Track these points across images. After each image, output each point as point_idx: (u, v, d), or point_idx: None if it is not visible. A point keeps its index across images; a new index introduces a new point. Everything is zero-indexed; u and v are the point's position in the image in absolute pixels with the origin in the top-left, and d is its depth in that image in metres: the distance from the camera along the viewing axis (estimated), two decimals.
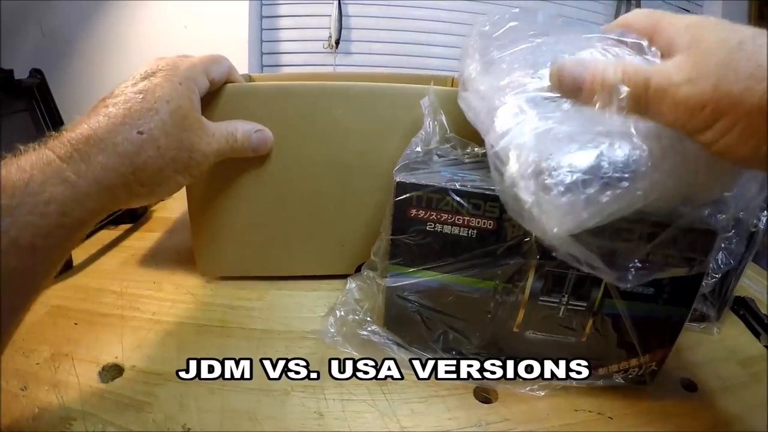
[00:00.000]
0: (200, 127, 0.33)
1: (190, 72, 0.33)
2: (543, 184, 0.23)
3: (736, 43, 0.20)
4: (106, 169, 0.28)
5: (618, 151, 0.23)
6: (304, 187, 0.42)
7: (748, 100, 0.19)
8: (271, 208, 0.42)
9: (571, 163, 0.23)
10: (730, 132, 0.20)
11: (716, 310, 0.42)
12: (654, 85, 0.22)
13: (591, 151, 0.23)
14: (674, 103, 0.21)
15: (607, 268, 0.26)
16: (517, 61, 0.30)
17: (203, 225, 0.43)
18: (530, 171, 0.24)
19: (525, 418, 0.32)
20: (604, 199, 0.23)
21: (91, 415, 0.30)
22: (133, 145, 0.28)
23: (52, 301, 0.41)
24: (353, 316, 0.37)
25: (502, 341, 0.34)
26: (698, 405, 0.34)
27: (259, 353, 0.36)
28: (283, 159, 0.40)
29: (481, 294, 0.33)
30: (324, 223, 0.44)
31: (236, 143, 0.36)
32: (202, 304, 0.42)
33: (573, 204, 0.23)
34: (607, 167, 0.23)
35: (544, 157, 0.23)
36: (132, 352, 0.36)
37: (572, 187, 0.23)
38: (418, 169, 0.33)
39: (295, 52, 1.24)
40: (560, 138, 0.24)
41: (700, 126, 0.21)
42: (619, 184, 0.23)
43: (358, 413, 0.31)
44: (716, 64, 0.20)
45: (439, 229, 0.31)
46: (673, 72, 0.22)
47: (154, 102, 0.29)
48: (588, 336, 0.33)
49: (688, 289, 0.30)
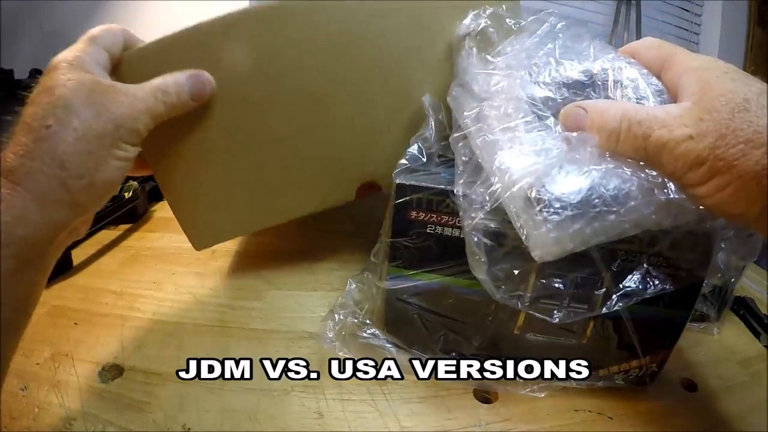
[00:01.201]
0: (114, 92, 0.30)
1: (75, 51, 0.30)
2: (534, 218, 0.24)
3: (741, 100, 0.21)
4: (31, 174, 0.26)
5: (609, 183, 0.23)
6: (268, 123, 0.38)
7: (743, 164, 0.20)
8: (240, 155, 0.39)
9: (562, 195, 0.23)
10: (723, 191, 0.21)
11: (716, 310, 0.42)
12: (655, 137, 0.22)
13: (582, 181, 0.23)
14: (673, 158, 0.22)
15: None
16: (514, 63, 0.30)
17: (178, 196, 0.40)
18: (522, 199, 0.24)
19: (525, 419, 0.32)
20: (589, 231, 0.23)
21: (91, 415, 0.30)
22: (47, 141, 0.26)
23: (52, 301, 0.41)
24: (352, 318, 0.37)
25: (503, 343, 0.34)
26: (698, 405, 0.34)
27: (259, 353, 0.36)
28: (236, 100, 0.36)
29: (482, 296, 0.32)
30: (304, 156, 0.40)
31: (169, 97, 0.32)
32: (202, 304, 0.42)
33: (560, 238, 0.23)
34: (597, 201, 0.23)
35: (537, 186, 0.24)
36: (132, 352, 0.36)
37: (561, 224, 0.23)
38: (418, 170, 0.33)
39: None
40: (553, 164, 0.24)
41: (694, 181, 0.22)
42: (607, 218, 0.23)
43: (358, 413, 0.31)
44: (719, 122, 0.21)
45: (440, 231, 0.31)
46: (676, 126, 0.22)
47: (54, 90, 0.28)
48: (589, 338, 0.33)
49: (689, 292, 0.30)
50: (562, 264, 0.26)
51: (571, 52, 0.30)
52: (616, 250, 0.28)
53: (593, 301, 0.29)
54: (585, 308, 0.29)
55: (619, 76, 0.27)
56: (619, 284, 0.28)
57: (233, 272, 0.49)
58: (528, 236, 0.24)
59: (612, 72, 0.28)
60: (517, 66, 0.30)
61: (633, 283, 0.28)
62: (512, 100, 0.28)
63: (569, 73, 0.28)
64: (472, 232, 0.27)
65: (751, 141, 0.20)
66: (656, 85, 0.26)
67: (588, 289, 0.29)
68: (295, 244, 0.56)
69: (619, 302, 0.27)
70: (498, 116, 0.28)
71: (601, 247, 0.26)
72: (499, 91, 0.29)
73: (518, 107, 0.27)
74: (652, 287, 0.28)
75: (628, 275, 0.28)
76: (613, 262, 0.28)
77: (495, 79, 0.30)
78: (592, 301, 0.29)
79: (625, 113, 0.23)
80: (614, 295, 0.28)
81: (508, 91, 0.28)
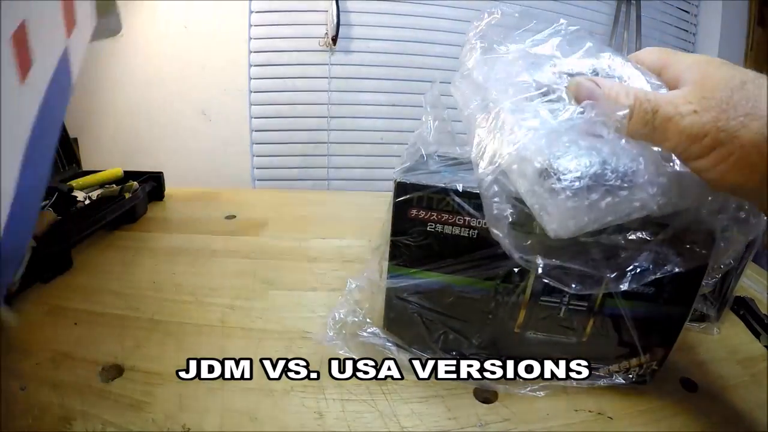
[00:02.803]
0: None
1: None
2: (550, 187, 0.23)
3: (739, 82, 0.23)
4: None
5: (619, 161, 0.24)
6: None
7: (744, 134, 0.22)
8: None
9: (577, 167, 0.23)
10: (726, 161, 0.22)
11: (716, 310, 0.42)
12: (662, 112, 0.24)
13: (594, 157, 0.24)
14: (678, 130, 0.23)
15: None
16: (519, 56, 0.30)
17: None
18: (536, 172, 0.24)
19: (525, 418, 0.32)
20: (604, 206, 0.23)
21: (91, 415, 0.30)
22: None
23: (52, 301, 0.41)
24: (353, 317, 0.37)
25: (503, 342, 0.34)
26: (698, 405, 0.34)
27: (259, 353, 0.36)
28: None
29: (482, 294, 0.33)
30: None
31: None
32: (202, 304, 0.42)
33: (577, 209, 0.23)
34: (610, 175, 0.23)
35: (552, 159, 0.24)
36: (132, 352, 0.36)
37: (579, 192, 0.23)
38: (418, 169, 0.33)
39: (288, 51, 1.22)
40: (564, 141, 0.24)
41: (698, 153, 0.23)
42: (618, 193, 0.23)
43: (358, 413, 0.31)
44: (719, 99, 0.22)
45: (440, 229, 0.31)
46: (681, 102, 0.23)
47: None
48: (589, 336, 0.33)
49: (689, 288, 0.30)
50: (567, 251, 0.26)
51: (574, 47, 0.30)
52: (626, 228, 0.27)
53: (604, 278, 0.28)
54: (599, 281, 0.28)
55: (621, 72, 0.28)
56: (631, 264, 0.28)
57: (233, 272, 0.49)
58: (543, 208, 0.24)
59: (613, 68, 0.28)
60: (523, 56, 0.30)
61: (644, 262, 0.28)
62: (518, 83, 0.28)
63: (572, 65, 0.29)
64: (494, 221, 0.27)
65: (750, 114, 0.22)
66: (656, 82, 0.27)
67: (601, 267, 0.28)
68: (295, 244, 0.56)
69: (632, 281, 0.27)
70: (506, 97, 0.28)
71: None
72: (504, 78, 0.29)
73: (524, 89, 0.28)
74: (661, 269, 0.27)
75: (638, 256, 0.28)
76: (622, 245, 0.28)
77: (500, 67, 0.30)
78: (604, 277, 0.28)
79: (636, 91, 0.25)
80: (629, 273, 0.27)
81: (515, 76, 0.28)
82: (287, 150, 1.23)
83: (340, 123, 1.22)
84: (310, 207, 0.72)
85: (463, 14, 1.22)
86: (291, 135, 1.22)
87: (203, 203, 0.69)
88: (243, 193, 0.80)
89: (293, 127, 1.22)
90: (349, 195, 0.92)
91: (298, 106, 1.20)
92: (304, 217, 0.66)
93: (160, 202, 0.69)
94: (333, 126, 1.23)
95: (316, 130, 1.22)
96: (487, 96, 0.29)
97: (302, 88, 1.19)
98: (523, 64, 0.29)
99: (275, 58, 1.19)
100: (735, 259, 0.38)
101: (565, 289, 0.28)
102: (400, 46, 1.23)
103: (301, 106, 1.20)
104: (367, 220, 0.63)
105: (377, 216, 0.35)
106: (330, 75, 1.20)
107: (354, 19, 1.20)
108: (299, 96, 1.20)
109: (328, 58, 1.20)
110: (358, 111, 1.23)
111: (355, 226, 0.61)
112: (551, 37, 0.31)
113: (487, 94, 0.29)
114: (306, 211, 0.69)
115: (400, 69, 1.22)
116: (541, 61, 0.29)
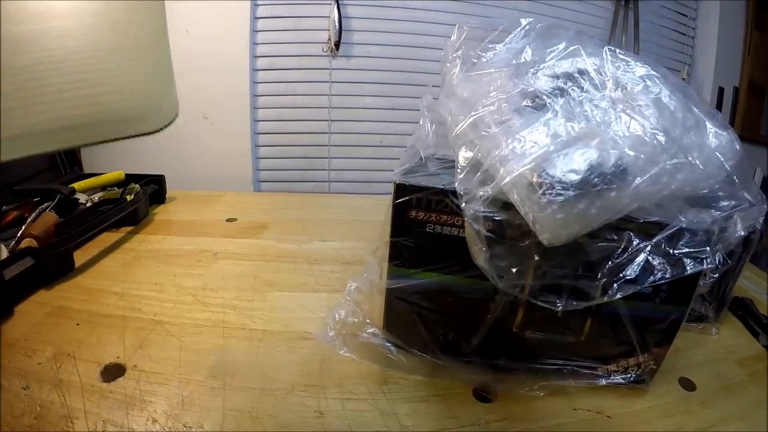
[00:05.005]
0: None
1: None
2: (538, 201, 0.24)
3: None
4: None
5: (606, 161, 0.24)
6: None
7: None
8: None
9: (564, 177, 0.24)
10: None
11: (714, 311, 0.42)
12: None
13: (581, 161, 0.24)
14: None
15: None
16: (501, 66, 0.30)
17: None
18: (526, 185, 0.25)
19: (524, 418, 0.32)
20: (593, 211, 0.24)
21: (93, 414, 0.30)
22: None
23: (54, 302, 0.42)
24: (353, 318, 0.38)
25: (502, 341, 0.35)
26: (697, 404, 0.34)
27: (259, 353, 0.36)
28: None
29: (481, 295, 0.33)
30: None
31: None
32: (203, 305, 0.43)
33: (566, 219, 0.24)
34: (597, 180, 0.24)
35: (537, 171, 0.24)
36: (133, 352, 0.36)
37: (566, 204, 0.23)
38: (417, 171, 0.33)
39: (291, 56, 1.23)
40: (550, 148, 0.25)
41: None
42: (608, 195, 0.24)
43: (358, 412, 0.32)
44: None
45: (439, 230, 0.32)
46: None
47: None
48: (587, 335, 0.33)
49: (686, 287, 0.30)
50: (562, 256, 0.27)
51: (549, 43, 0.31)
52: (621, 228, 0.28)
53: (594, 290, 0.29)
54: (586, 297, 0.29)
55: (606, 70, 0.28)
56: (620, 273, 0.28)
57: (234, 274, 0.49)
58: (535, 220, 0.25)
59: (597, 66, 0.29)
60: (503, 65, 0.30)
61: (633, 272, 0.28)
62: (504, 96, 0.28)
63: (555, 68, 0.29)
64: (472, 222, 0.27)
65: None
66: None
67: (589, 279, 0.28)
68: (296, 247, 0.56)
69: (619, 291, 0.28)
70: (493, 112, 0.28)
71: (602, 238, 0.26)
72: (489, 91, 0.30)
73: (511, 101, 0.28)
74: (652, 278, 0.28)
75: (627, 265, 0.28)
76: (614, 251, 0.28)
77: (484, 81, 0.30)
78: (593, 290, 0.29)
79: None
80: (615, 283, 0.28)
81: (499, 89, 0.29)
82: (288, 153, 1.23)
83: (340, 126, 1.23)
84: (310, 210, 0.72)
85: (462, 20, 1.23)
86: (293, 138, 1.23)
87: (204, 206, 0.70)
88: (244, 196, 0.81)
89: (295, 131, 1.22)
90: (349, 198, 0.92)
91: (300, 109, 1.21)
92: (304, 220, 0.66)
93: (162, 205, 0.69)
94: (334, 129, 1.23)
95: (317, 133, 1.23)
96: (473, 111, 0.30)
97: (304, 92, 1.20)
98: (506, 75, 0.30)
99: (278, 62, 1.20)
100: (733, 259, 0.38)
101: (552, 308, 0.28)
102: (399, 51, 1.24)
103: (303, 109, 1.21)
104: (366, 223, 0.63)
105: (377, 219, 0.35)
106: (331, 79, 1.21)
107: (354, 24, 1.21)
108: (301, 100, 1.20)
109: (329, 63, 1.21)
110: (358, 114, 1.23)
111: (355, 229, 0.62)
112: (524, 38, 0.32)
113: (474, 109, 0.30)
114: (306, 214, 0.70)
115: (400, 74, 1.23)
116: (522, 68, 0.30)
